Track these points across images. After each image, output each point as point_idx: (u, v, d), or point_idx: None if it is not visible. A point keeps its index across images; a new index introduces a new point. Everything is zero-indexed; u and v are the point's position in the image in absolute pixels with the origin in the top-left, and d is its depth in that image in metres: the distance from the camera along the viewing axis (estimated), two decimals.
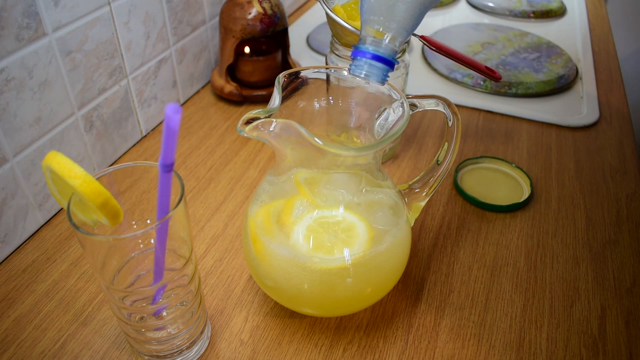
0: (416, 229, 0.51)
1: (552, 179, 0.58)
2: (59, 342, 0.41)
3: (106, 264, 0.33)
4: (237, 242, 0.50)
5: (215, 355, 0.40)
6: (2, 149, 0.45)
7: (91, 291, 0.45)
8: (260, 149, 0.63)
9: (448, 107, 0.38)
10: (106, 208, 0.29)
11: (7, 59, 0.43)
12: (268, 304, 0.44)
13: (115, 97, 0.58)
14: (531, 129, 0.66)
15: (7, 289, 0.45)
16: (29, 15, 0.44)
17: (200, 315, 0.38)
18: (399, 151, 0.62)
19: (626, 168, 0.59)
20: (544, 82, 0.73)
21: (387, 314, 0.43)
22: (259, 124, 0.33)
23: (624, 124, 0.67)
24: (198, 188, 0.57)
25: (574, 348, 0.41)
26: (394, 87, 0.37)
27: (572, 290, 0.45)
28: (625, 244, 0.50)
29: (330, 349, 0.41)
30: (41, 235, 0.50)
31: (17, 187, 0.47)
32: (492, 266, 0.48)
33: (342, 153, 0.32)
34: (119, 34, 0.56)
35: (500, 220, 0.52)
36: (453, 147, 0.40)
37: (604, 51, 0.85)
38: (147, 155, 0.62)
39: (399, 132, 0.34)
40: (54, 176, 0.30)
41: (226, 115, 0.69)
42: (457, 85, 0.76)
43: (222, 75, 0.70)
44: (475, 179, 0.57)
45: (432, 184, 0.42)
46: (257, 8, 0.65)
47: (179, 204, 0.31)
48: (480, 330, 0.42)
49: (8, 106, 0.44)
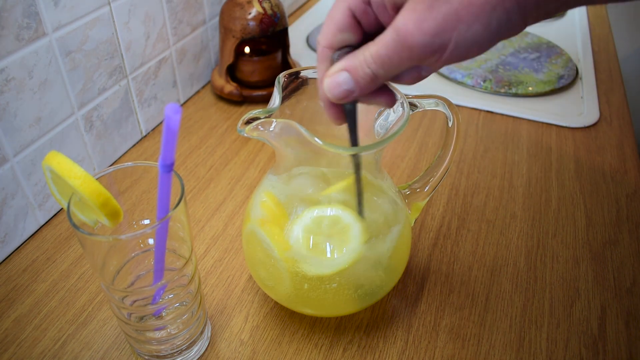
0: (416, 229, 0.51)
1: (552, 179, 0.58)
2: (59, 342, 0.41)
3: (106, 264, 0.33)
4: (237, 242, 0.50)
5: (215, 355, 0.40)
6: (2, 149, 0.45)
7: (91, 291, 0.45)
8: (260, 149, 0.63)
9: (448, 107, 0.38)
10: (106, 208, 0.29)
11: (7, 59, 0.43)
12: (268, 304, 0.44)
13: (115, 97, 0.58)
14: (531, 129, 0.66)
15: (7, 289, 0.45)
16: (29, 15, 0.44)
17: (200, 315, 0.38)
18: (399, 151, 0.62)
19: (626, 168, 0.59)
20: (544, 82, 0.73)
21: (387, 314, 0.43)
22: (259, 124, 0.33)
23: (624, 124, 0.67)
24: (198, 188, 0.57)
25: (574, 348, 0.41)
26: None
27: (572, 290, 0.45)
28: (625, 244, 0.50)
29: (330, 349, 0.41)
30: (41, 235, 0.50)
31: (17, 187, 0.47)
32: (492, 266, 0.48)
33: (342, 153, 0.32)
34: (119, 34, 0.56)
35: (500, 220, 0.52)
36: (453, 147, 0.40)
37: (604, 51, 0.85)
38: (147, 155, 0.62)
39: (399, 132, 0.34)
40: (54, 176, 0.30)
41: (226, 115, 0.69)
42: (457, 85, 0.76)
43: (222, 75, 0.70)
44: None
45: (432, 184, 0.42)
46: (257, 8, 0.65)
47: (179, 204, 0.31)
48: (480, 330, 0.42)
49: (8, 106, 0.44)
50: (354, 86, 0.28)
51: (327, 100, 0.30)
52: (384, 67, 0.26)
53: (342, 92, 0.28)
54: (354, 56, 0.27)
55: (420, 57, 0.25)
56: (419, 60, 0.26)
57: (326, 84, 0.28)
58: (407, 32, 0.24)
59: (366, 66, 0.26)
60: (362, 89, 0.28)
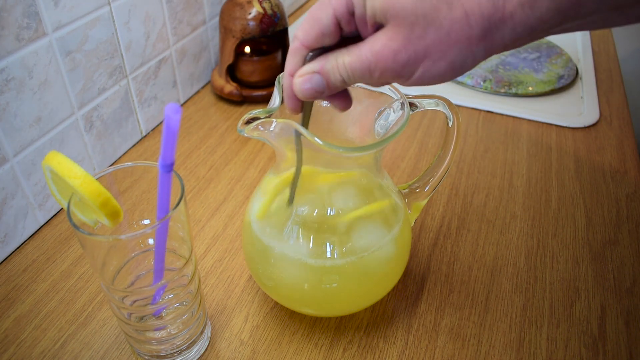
0: (416, 229, 0.51)
1: (552, 179, 0.58)
2: (59, 342, 0.41)
3: (106, 264, 0.33)
4: (237, 242, 0.50)
5: (215, 355, 0.40)
6: (2, 149, 0.45)
7: (91, 291, 0.45)
8: (260, 149, 0.63)
9: (448, 107, 0.38)
10: (106, 208, 0.29)
11: (7, 59, 0.43)
12: (268, 304, 0.44)
13: (115, 97, 0.58)
14: (531, 129, 0.66)
15: (7, 289, 0.45)
16: (29, 15, 0.44)
17: (200, 315, 0.38)
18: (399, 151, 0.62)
19: (626, 168, 0.59)
20: (544, 82, 0.73)
21: (387, 314, 0.43)
22: (259, 124, 0.33)
23: (624, 124, 0.67)
24: (198, 188, 0.57)
25: (574, 348, 0.41)
26: (394, 87, 0.37)
27: (572, 290, 0.45)
28: (625, 244, 0.50)
29: (330, 349, 0.41)
30: (41, 235, 0.50)
31: (17, 187, 0.47)
32: (492, 266, 0.48)
33: (342, 153, 0.32)
34: (119, 34, 0.56)
35: (500, 220, 0.52)
36: (453, 148, 0.40)
37: (604, 51, 0.85)
38: (147, 155, 0.62)
39: (399, 132, 0.34)
40: (54, 176, 0.30)
41: (226, 115, 0.69)
42: (457, 85, 0.76)
43: (222, 75, 0.70)
44: None
45: (432, 184, 0.42)
46: (257, 8, 0.65)
47: (179, 204, 0.31)
48: (480, 330, 0.42)
49: (8, 106, 0.44)
50: (324, 88, 0.30)
51: (291, 94, 0.32)
52: (354, 78, 0.29)
53: (312, 92, 0.30)
54: (327, 60, 0.29)
55: (387, 79, 0.28)
56: (385, 81, 0.29)
57: (298, 83, 0.30)
58: (382, 57, 0.27)
59: (338, 73, 0.29)
60: (331, 91, 0.30)
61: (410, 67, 0.27)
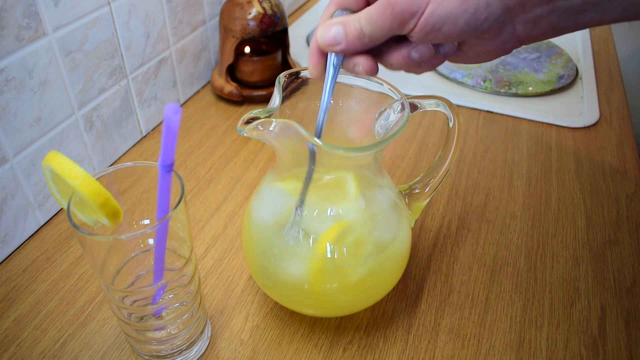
0: (416, 229, 0.51)
1: (552, 179, 0.58)
2: (59, 342, 0.41)
3: (106, 264, 0.33)
4: (237, 242, 0.50)
5: (215, 355, 0.40)
6: (2, 149, 0.45)
7: (91, 291, 0.45)
8: (260, 149, 0.63)
9: (449, 107, 0.38)
10: (106, 208, 0.29)
11: (7, 59, 0.43)
12: (268, 304, 0.44)
13: (115, 97, 0.58)
14: (531, 129, 0.66)
15: (7, 289, 0.45)
16: (29, 15, 0.44)
17: (200, 315, 0.38)
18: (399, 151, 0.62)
19: (626, 168, 0.59)
20: (544, 82, 0.73)
21: (387, 314, 0.43)
22: (258, 123, 0.33)
23: (624, 124, 0.67)
24: (198, 188, 0.57)
25: (574, 348, 0.41)
26: (394, 87, 0.37)
27: (572, 290, 0.45)
28: (625, 244, 0.50)
29: (330, 349, 0.41)
30: (41, 235, 0.50)
31: (17, 187, 0.47)
32: (492, 266, 0.48)
33: (342, 153, 0.32)
34: (119, 34, 0.56)
35: (500, 220, 0.52)
36: (454, 148, 0.40)
37: (604, 51, 0.85)
38: (147, 155, 0.62)
39: (399, 132, 0.34)
40: (54, 176, 0.30)
41: (226, 115, 0.69)
42: (457, 85, 0.76)
43: (222, 75, 0.70)
44: None
45: (432, 185, 0.42)
46: (257, 8, 0.65)
47: (179, 204, 0.31)
48: (480, 330, 0.42)
49: (8, 106, 0.44)
50: (342, 37, 0.31)
51: (315, 48, 0.33)
52: (371, 24, 0.30)
53: (330, 39, 0.32)
54: (350, 15, 0.32)
55: (400, 18, 0.29)
56: (399, 22, 0.30)
57: (320, 30, 0.32)
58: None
59: (357, 22, 0.31)
60: (348, 42, 0.32)
61: (419, 2, 0.28)
